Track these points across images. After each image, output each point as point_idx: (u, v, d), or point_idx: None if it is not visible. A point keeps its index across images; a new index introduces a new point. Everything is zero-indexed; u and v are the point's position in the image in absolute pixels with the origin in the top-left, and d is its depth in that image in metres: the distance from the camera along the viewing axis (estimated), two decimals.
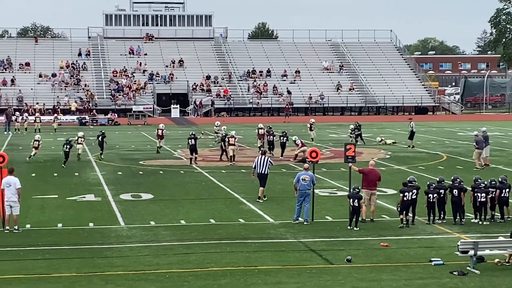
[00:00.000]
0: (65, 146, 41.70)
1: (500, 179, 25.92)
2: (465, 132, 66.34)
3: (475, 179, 25.77)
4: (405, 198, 24.59)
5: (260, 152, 33.02)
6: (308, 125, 56.25)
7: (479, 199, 25.16)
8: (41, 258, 20.58)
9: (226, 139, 42.70)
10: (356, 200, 24.41)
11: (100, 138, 44.37)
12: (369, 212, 25.58)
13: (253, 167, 30.05)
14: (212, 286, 17.82)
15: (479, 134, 40.99)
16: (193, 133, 42.92)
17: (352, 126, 54.14)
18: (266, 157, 30.21)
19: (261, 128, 47.47)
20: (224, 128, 47.90)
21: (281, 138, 44.88)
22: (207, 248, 21.64)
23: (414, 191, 24.83)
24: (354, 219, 24.45)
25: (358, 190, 24.79)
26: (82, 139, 44.20)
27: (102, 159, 43.41)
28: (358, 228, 24.23)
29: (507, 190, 25.44)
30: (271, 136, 45.64)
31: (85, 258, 20.52)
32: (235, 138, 42.42)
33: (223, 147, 43.26)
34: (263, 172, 29.68)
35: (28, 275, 18.71)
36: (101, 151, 44.29)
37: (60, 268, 19.49)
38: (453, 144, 54.37)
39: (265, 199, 29.52)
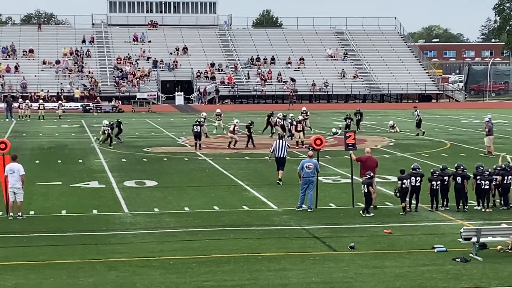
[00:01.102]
0: (106, 127, 44.64)
1: (503, 166, 25.93)
2: (468, 119, 66.30)
3: (477, 166, 25.77)
4: (403, 186, 24.64)
5: (278, 136, 33.63)
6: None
7: (482, 186, 25.17)
8: (45, 244, 20.65)
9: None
10: (366, 186, 24.43)
11: (121, 125, 46.56)
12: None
13: (271, 151, 31.13)
14: (215, 272, 17.87)
15: (491, 119, 41.15)
16: (198, 120, 43.25)
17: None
18: (284, 141, 31.17)
19: (280, 119, 47.36)
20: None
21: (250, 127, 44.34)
22: (210, 235, 21.69)
23: (418, 178, 24.88)
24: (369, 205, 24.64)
25: (370, 176, 24.76)
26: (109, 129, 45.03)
27: (120, 142, 45.45)
28: (365, 215, 24.33)
29: (510, 177, 25.42)
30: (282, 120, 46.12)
31: (88, 245, 20.59)
32: (235, 126, 43.43)
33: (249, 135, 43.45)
34: (281, 156, 30.53)
35: (32, 261, 18.78)
36: (119, 135, 46.16)
37: (64, 254, 19.55)
38: (456, 132, 54.33)
39: (281, 183, 29.67)
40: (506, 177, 25.39)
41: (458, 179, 25.12)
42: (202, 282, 17.06)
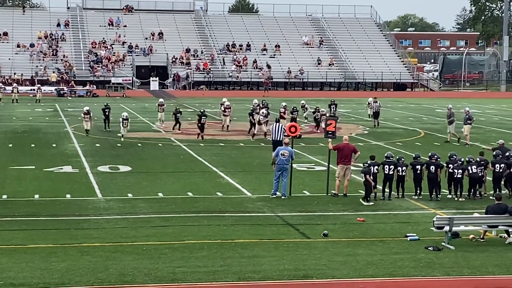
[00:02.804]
0: (105, 111, 44.34)
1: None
2: (443, 109, 66.55)
3: (450, 155, 25.95)
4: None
5: (275, 119, 33.89)
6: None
7: (455, 175, 25.35)
8: (17, 228, 20.53)
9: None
10: (364, 175, 24.47)
11: (106, 112, 44.95)
12: (343, 187, 25.71)
13: (271, 139, 32.46)
14: (188, 258, 17.86)
15: (467, 110, 41.59)
16: (203, 110, 41.89)
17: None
18: (281, 124, 32.00)
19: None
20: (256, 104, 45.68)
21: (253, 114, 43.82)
22: (184, 221, 21.67)
23: (392, 166, 25.05)
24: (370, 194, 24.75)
25: (368, 164, 24.81)
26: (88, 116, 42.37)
27: (109, 130, 44.28)
28: (366, 203, 24.42)
29: (503, 165, 25.64)
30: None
31: (61, 230, 20.49)
32: (230, 109, 44.46)
33: (252, 121, 42.43)
34: (279, 139, 30.98)
35: (4, 245, 18.66)
36: (108, 123, 44.98)
37: (37, 239, 19.45)
38: (431, 121, 54.60)
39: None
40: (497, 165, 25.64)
41: (432, 168, 25.27)
42: (175, 268, 17.04)
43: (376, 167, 24.94)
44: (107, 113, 45.03)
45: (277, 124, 32.55)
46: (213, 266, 17.27)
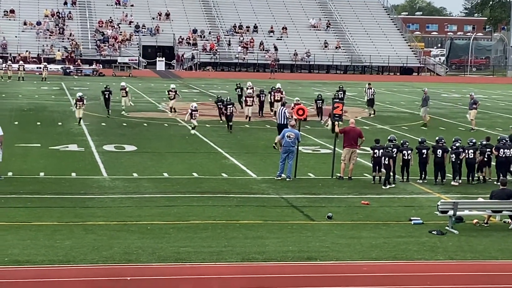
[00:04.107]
0: (105, 94, 41.56)
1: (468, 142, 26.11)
2: (449, 93, 66.51)
3: (454, 140, 25.86)
4: (375, 155, 24.86)
5: (280, 103, 33.82)
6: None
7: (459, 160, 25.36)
8: (23, 206, 20.59)
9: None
10: (387, 159, 24.46)
11: (106, 95, 41.65)
12: (348, 170, 25.74)
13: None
14: (193, 238, 17.90)
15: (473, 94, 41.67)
16: (229, 98, 38.40)
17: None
18: (285, 108, 31.94)
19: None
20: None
21: (261, 96, 43.62)
22: (189, 201, 21.72)
23: (394, 150, 25.02)
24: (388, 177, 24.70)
25: (389, 149, 24.80)
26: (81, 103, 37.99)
27: (109, 117, 40.94)
28: (388, 186, 24.43)
29: (506, 150, 25.60)
30: (263, 96, 44.20)
31: (66, 208, 20.56)
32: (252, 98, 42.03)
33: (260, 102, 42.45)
34: (282, 122, 30.99)
35: (10, 222, 18.73)
36: (107, 109, 41.62)
37: (42, 216, 19.52)
38: (436, 105, 54.49)
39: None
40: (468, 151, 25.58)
41: (439, 152, 25.25)
42: (179, 247, 17.09)
43: (380, 150, 24.91)
44: (107, 96, 41.58)
45: (282, 108, 32.51)
46: (218, 246, 17.32)
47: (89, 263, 15.87)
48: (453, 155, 25.28)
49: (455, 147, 25.37)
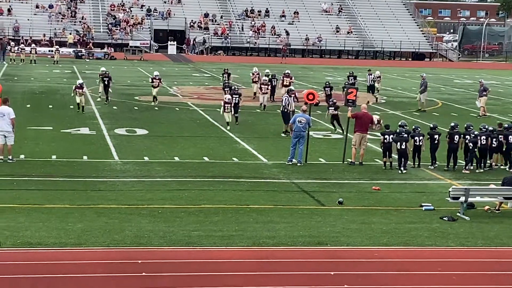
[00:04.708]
0: (104, 80, 39.68)
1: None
2: (461, 79, 66.29)
3: (467, 126, 25.80)
4: (385, 141, 24.84)
5: (286, 91, 33.51)
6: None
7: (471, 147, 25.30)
8: (35, 188, 20.68)
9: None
10: (403, 143, 24.42)
11: (106, 81, 39.84)
12: (359, 155, 25.73)
13: (282, 104, 31.69)
14: (203, 222, 17.95)
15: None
16: (236, 87, 37.01)
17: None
18: (292, 96, 31.69)
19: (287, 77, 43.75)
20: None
21: (273, 81, 43.26)
22: (200, 186, 21.75)
23: (405, 135, 24.99)
24: (402, 162, 24.68)
25: (403, 134, 24.79)
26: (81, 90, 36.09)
27: (107, 104, 39.21)
28: (405, 171, 24.46)
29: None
30: (274, 81, 43.82)
31: (78, 191, 20.64)
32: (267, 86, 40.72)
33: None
34: (286, 110, 31.02)
35: (22, 204, 18.81)
36: (106, 96, 39.84)
37: (53, 199, 19.60)
38: (449, 91, 54.36)
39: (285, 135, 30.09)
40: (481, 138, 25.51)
41: (456, 138, 25.19)
42: (190, 231, 17.14)
43: (390, 136, 24.90)
44: (106, 82, 39.82)
45: (287, 95, 32.13)
46: (228, 230, 17.37)
47: (100, 246, 15.95)
48: (471, 144, 25.15)
49: (473, 135, 25.26)
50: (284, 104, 31.30)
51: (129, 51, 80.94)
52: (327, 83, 41.46)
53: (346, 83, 40.29)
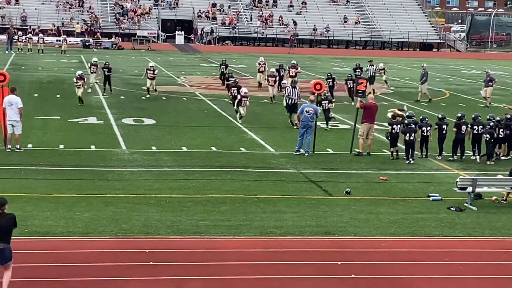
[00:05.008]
0: (104, 71, 38.86)
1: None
2: (469, 70, 66.11)
3: (474, 117, 25.72)
4: (393, 131, 24.81)
5: (291, 85, 32.92)
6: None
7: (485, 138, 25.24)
8: (42, 178, 20.73)
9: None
10: (413, 134, 24.37)
11: (106, 72, 39.01)
12: (366, 146, 25.70)
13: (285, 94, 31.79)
14: (211, 212, 17.97)
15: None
16: (236, 80, 35.53)
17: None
18: (297, 88, 31.34)
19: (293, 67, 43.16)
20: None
21: (280, 71, 43.01)
22: (207, 175, 21.77)
23: (413, 126, 24.95)
24: (410, 153, 24.65)
25: (411, 125, 24.73)
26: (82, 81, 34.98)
27: (104, 95, 38.65)
28: (413, 161, 24.41)
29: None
30: (282, 71, 43.58)
31: (86, 180, 20.67)
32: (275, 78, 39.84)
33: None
34: (292, 103, 30.71)
35: (30, 194, 18.86)
36: (109, 87, 39.16)
37: (61, 188, 19.64)
38: (456, 82, 54.23)
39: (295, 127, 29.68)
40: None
41: (463, 128, 25.13)
42: (198, 221, 17.16)
43: (398, 125, 24.86)
44: (106, 74, 38.96)
45: (294, 89, 31.30)
46: (236, 220, 17.38)
47: (108, 235, 15.99)
48: (488, 135, 25.02)
49: (489, 126, 25.17)
50: (288, 94, 30.98)
51: (137, 41, 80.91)
52: (329, 74, 40.88)
53: (349, 75, 39.79)
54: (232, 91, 33.53)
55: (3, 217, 12.39)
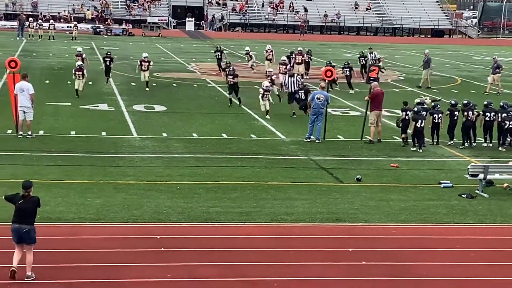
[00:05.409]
0: (105, 60, 37.87)
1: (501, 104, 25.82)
2: (480, 56, 65.84)
3: (487, 103, 25.62)
4: (407, 117, 24.74)
5: (287, 74, 32.75)
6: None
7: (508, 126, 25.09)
8: (54, 164, 20.79)
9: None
10: (423, 121, 24.31)
11: (107, 61, 38.14)
12: (377, 133, 25.64)
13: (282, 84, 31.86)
14: (222, 199, 18.00)
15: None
16: (233, 68, 33.58)
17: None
18: (295, 78, 31.29)
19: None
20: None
21: (291, 58, 42.59)
22: (218, 162, 21.79)
23: (424, 113, 24.88)
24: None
25: (421, 112, 24.65)
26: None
27: (107, 84, 37.75)
28: (423, 148, 24.34)
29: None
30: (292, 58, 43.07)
31: (97, 166, 20.72)
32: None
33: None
34: (292, 91, 30.57)
35: (41, 180, 18.90)
36: (107, 77, 38.12)
37: (73, 175, 19.70)
38: (468, 68, 54.03)
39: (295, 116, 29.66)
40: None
41: (470, 115, 25.09)
42: (209, 207, 17.19)
43: (410, 112, 24.80)
44: (108, 63, 37.85)
45: (290, 78, 31.39)
46: (246, 207, 17.41)
47: (119, 221, 16.05)
48: (507, 122, 24.89)
49: (510, 114, 25.00)
50: (283, 84, 30.90)
51: (147, 27, 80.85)
52: (347, 63, 40.10)
53: (346, 63, 39.19)
54: (229, 79, 32.50)
55: (28, 199, 12.91)
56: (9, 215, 13.27)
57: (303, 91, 29.35)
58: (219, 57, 43.99)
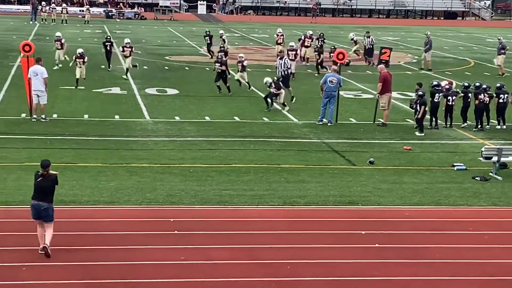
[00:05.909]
0: (105, 45, 37.05)
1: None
2: (494, 38, 65.44)
3: (499, 86, 25.54)
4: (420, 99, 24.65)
5: (278, 56, 32.22)
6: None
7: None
8: (68, 147, 20.87)
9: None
10: (422, 107, 24.23)
11: (108, 46, 37.15)
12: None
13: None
14: (235, 181, 18.04)
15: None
16: (220, 56, 32.12)
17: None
18: (284, 60, 30.30)
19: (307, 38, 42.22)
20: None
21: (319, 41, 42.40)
22: (231, 145, 21.82)
23: (437, 95, 24.81)
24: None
25: (423, 94, 24.54)
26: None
27: (109, 70, 37.00)
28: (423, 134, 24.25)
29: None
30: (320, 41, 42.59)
31: (111, 150, 20.79)
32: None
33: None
34: (283, 74, 29.69)
35: (56, 163, 18.81)
36: (108, 62, 37.39)
37: (87, 158, 19.78)
38: (481, 51, 53.77)
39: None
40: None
41: (501, 97, 25.00)
42: (222, 190, 17.24)
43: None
44: (108, 48, 37.00)
45: (280, 60, 30.44)
46: (259, 190, 17.44)
47: (133, 204, 16.11)
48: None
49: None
50: (276, 66, 30.49)
51: (159, 11, 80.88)
52: (333, 47, 39.73)
53: (332, 47, 38.67)
54: (217, 67, 31.26)
55: (47, 177, 13.23)
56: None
57: (275, 87, 27.55)
58: (209, 42, 43.69)
